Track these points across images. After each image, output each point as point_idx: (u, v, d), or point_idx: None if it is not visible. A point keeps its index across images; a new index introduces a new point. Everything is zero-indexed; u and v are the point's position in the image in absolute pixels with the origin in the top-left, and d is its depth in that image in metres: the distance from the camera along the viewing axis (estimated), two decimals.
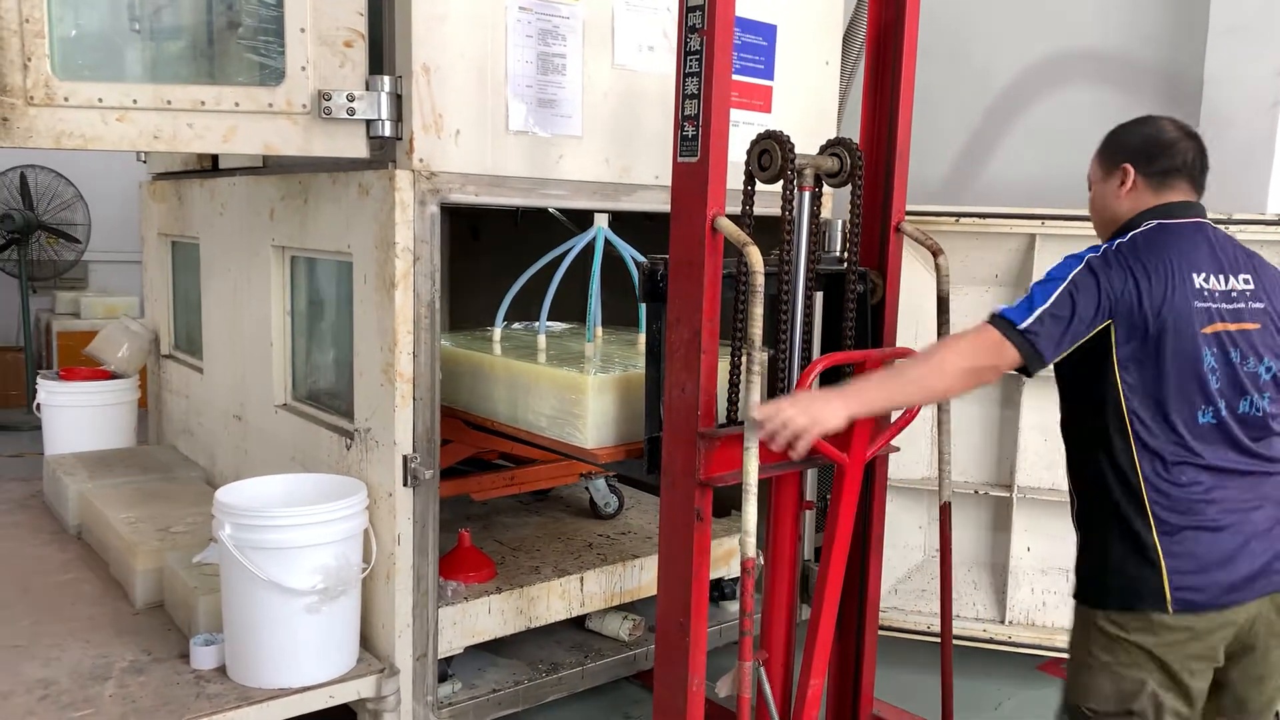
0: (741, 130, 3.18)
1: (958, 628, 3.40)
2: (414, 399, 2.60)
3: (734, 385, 2.23)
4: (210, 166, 3.70)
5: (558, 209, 3.64)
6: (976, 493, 3.48)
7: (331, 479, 2.74)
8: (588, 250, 2.92)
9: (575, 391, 2.57)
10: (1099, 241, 1.99)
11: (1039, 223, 3.28)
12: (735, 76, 3.18)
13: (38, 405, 4.13)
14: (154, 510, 3.35)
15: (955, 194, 4.39)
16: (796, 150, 2.26)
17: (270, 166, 3.24)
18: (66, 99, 2.47)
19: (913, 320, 3.25)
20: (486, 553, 3.17)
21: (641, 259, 3.23)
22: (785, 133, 2.21)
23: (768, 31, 3.22)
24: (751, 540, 2.01)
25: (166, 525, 3.22)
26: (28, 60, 2.43)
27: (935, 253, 2.41)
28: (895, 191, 2.48)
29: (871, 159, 2.52)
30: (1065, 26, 4.13)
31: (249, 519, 2.44)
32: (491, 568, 3.05)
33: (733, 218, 2.09)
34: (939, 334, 2.43)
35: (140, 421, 4.45)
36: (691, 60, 2.08)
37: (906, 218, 3.33)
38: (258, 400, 3.36)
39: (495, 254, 4.89)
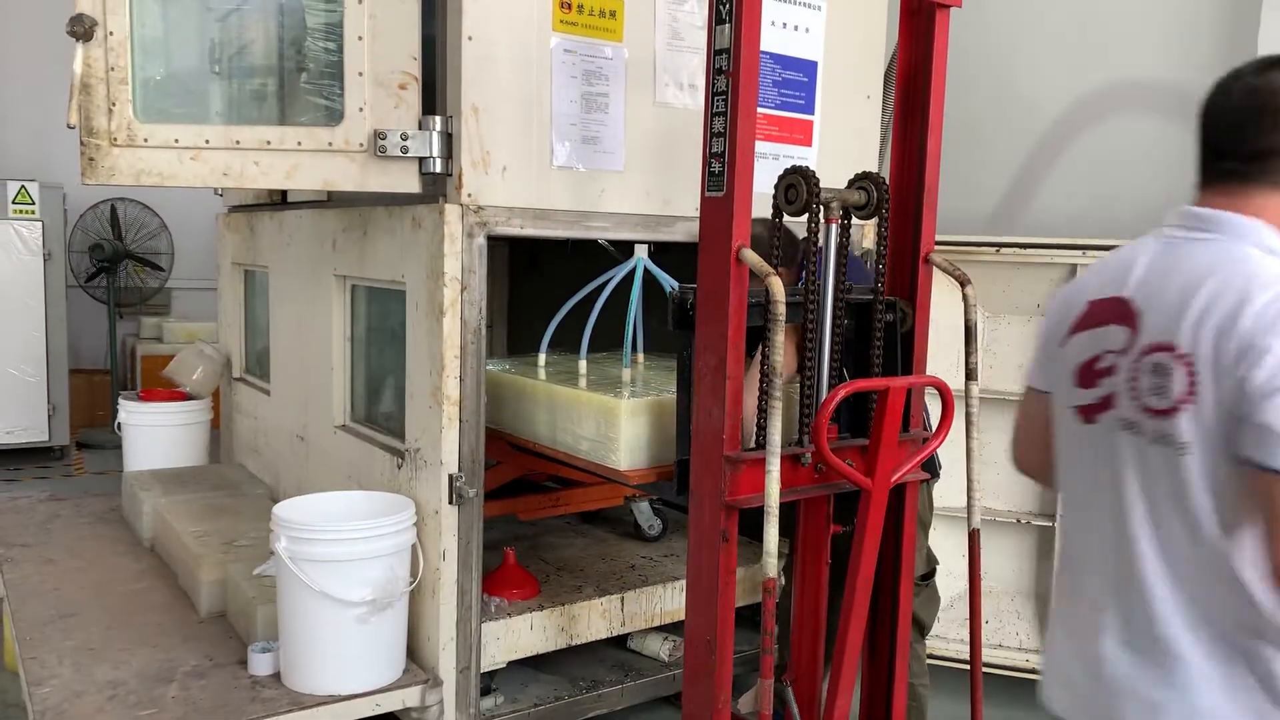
0: (782, 164, 3.28)
1: (1000, 658, 3.41)
2: (460, 421, 2.73)
3: (762, 411, 2.31)
4: (280, 200, 3.92)
5: (606, 240, 3.76)
6: (1019, 521, 3.48)
7: (383, 496, 2.88)
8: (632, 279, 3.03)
9: (610, 415, 2.67)
10: None
11: (1080, 253, 3.30)
12: (776, 112, 3.29)
13: (118, 424, 4.38)
14: (220, 524, 3.54)
15: (1005, 225, 4.40)
16: (823, 184, 2.34)
17: (333, 201, 3.42)
18: (146, 140, 2.66)
19: (951, 349, 3.29)
20: (532, 571, 3.28)
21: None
22: (813, 168, 2.29)
23: (808, 68, 3.31)
24: (772, 561, 2.08)
25: (231, 539, 3.39)
26: (112, 105, 2.64)
27: (963, 283, 2.46)
28: (924, 223, 2.54)
29: (901, 191, 2.59)
30: (1115, 56, 4.14)
31: (304, 533, 2.59)
32: (535, 585, 3.16)
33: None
34: (967, 362, 2.48)
35: (213, 441, 4.68)
36: (718, 100, 2.18)
37: (945, 248, 3.40)
38: (319, 421, 3.53)
39: (552, 282, 5.02)
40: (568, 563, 3.47)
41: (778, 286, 2.09)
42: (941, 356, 3.51)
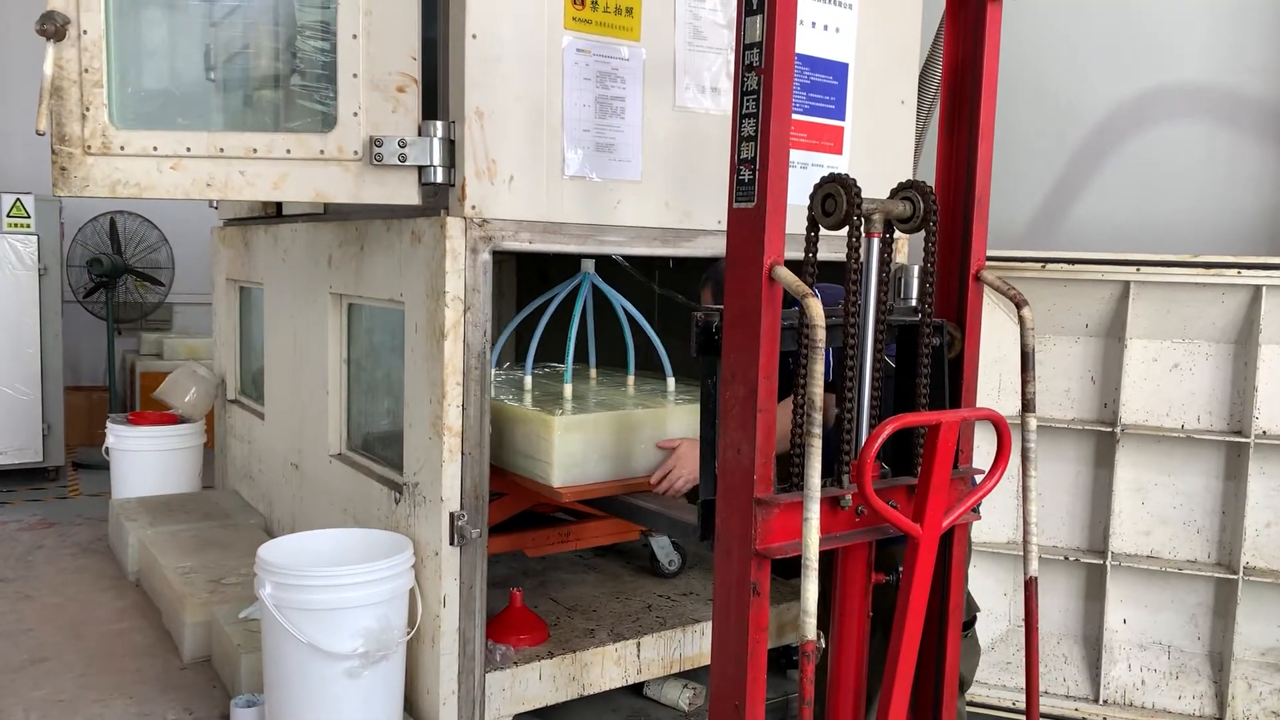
0: (810, 173, 3.05)
1: (1046, 706, 3.15)
2: (463, 454, 2.50)
3: (796, 448, 2.07)
4: (275, 213, 3.70)
5: (621, 256, 3.54)
6: (1067, 559, 3.23)
7: (378, 535, 2.65)
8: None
9: (544, 431, 2.60)
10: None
11: (1134, 269, 3.05)
12: (804, 117, 3.06)
13: (106, 449, 4.16)
14: (209, 559, 3.31)
15: (1042, 238, 4.16)
16: (865, 194, 2.11)
17: (330, 214, 3.20)
18: (123, 148, 2.46)
19: (996, 373, 3.04)
20: (541, 612, 3.04)
21: (631, 308, 3.21)
22: (852, 176, 2.05)
23: (839, 70, 3.08)
24: (812, 621, 1.83)
25: (219, 576, 3.17)
26: (86, 110, 2.43)
27: (1019, 304, 2.22)
28: (974, 238, 2.30)
29: (948, 203, 2.35)
30: (1162, 59, 3.90)
31: (289, 578, 2.36)
32: (544, 630, 2.91)
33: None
34: (1024, 392, 2.23)
35: (207, 465, 4.45)
36: (748, 100, 1.95)
37: (987, 265, 3.16)
38: (313, 449, 3.31)
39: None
40: (579, 602, 3.23)
41: (816, 308, 1.85)
42: (984, 379, 3.27)
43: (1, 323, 6.20)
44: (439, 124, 2.47)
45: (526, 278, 5.02)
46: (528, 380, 3.06)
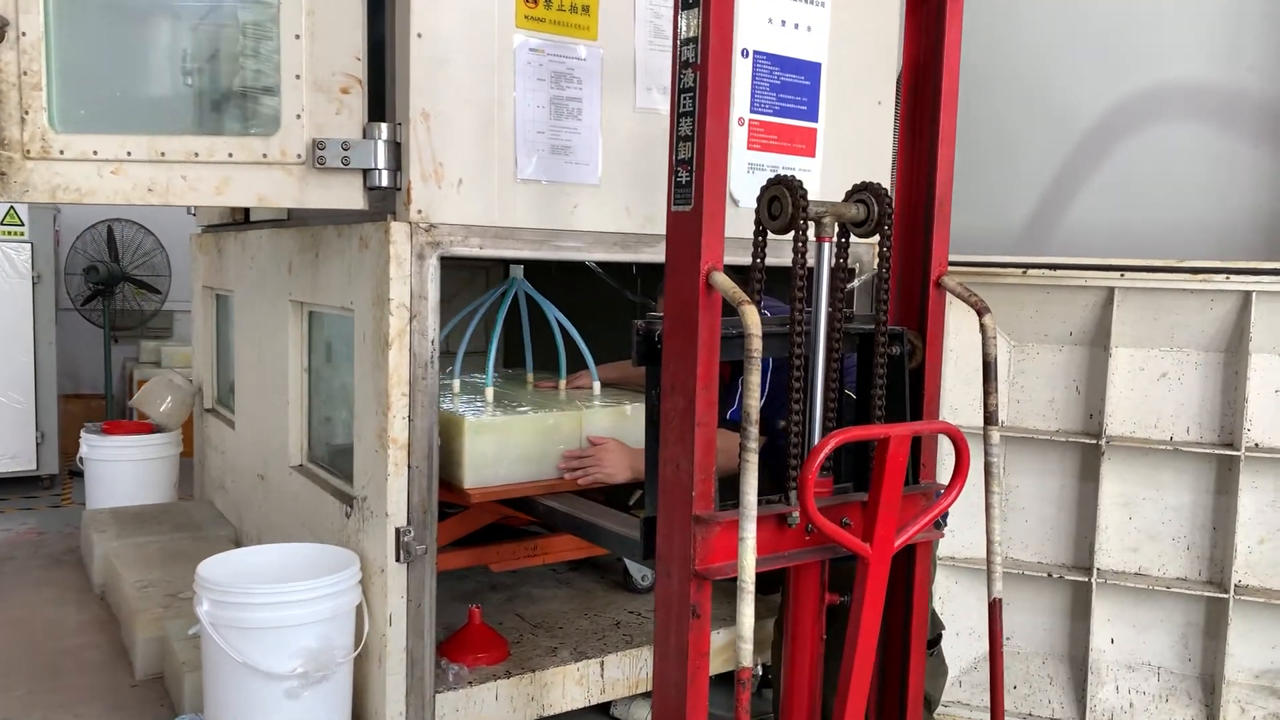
0: None
1: None
2: (409, 467, 2.42)
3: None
4: (244, 220, 3.64)
5: (594, 262, 3.46)
6: (1051, 576, 3.10)
7: (326, 551, 2.57)
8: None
9: (455, 432, 2.61)
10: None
11: (1118, 274, 2.94)
12: (774, 119, 2.96)
13: (80, 458, 4.11)
14: (171, 573, 3.25)
15: (1036, 245, 4.03)
16: (814, 197, 2.02)
17: (293, 220, 3.14)
18: (62, 152, 2.39)
19: (975, 383, 2.93)
20: (504, 629, 2.96)
21: (559, 315, 3.20)
22: (796, 176, 1.96)
23: (811, 70, 2.98)
24: (747, 648, 1.74)
25: (178, 590, 3.10)
26: (25, 113, 2.37)
27: (980, 311, 2.11)
28: (935, 242, 2.19)
29: (908, 205, 2.25)
30: (1157, 58, 3.77)
31: (225, 595, 2.28)
32: (504, 648, 2.82)
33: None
34: (986, 403, 2.12)
35: (186, 475, 4.40)
36: (685, 99, 1.86)
37: (964, 270, 3.05)
38: (277, 460, 3.24)
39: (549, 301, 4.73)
40: (546, 619, 3.13)
41: (752, 316, 1.75)
42: (962, 391, 3.16)
43: None
44: (384, 126, 2.39)
45: None
46: (455, 384, 3.11)
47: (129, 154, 2.39)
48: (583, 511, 2.62)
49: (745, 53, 2.85)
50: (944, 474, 2.24)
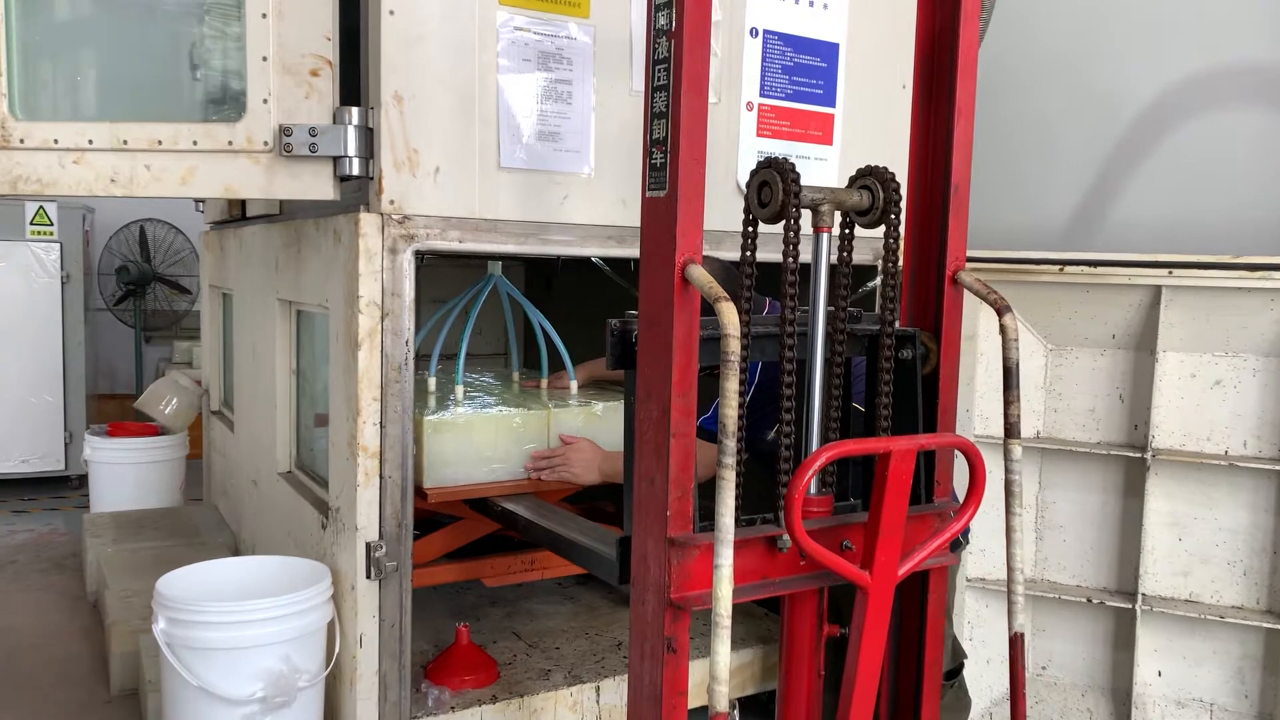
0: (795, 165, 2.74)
1: None
2: (381, 477, 2.25)
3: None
4: (241, 215, 3.52)
5: (599, 258, 3.29)
6: (1090, 601, 2.84)
7: (297, 565, 2.41)
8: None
9: (416, 430, 2.46)
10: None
11: (1165, 271, 2.67)
12: (787, 103, 2.75)
13: (84, 460, 4.02)
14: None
15: (1079, 241, 3.76)
16: (822, 184, 1.81)
17: (284, 214, 3.00)
18: (23, 141, 2.27)
19: (1000, 392, 2.69)
20: (497, 649, 2.78)
21: (536, 313, 3.07)
22: (791, 160, 1.75)
23: (828, 51, 2.77)
24: (722, 690, 1.54)
25: None
26: None
27: (1000, 310, 1.88)
28: (952, 233, 1.97)
29: (922, 194, 2.02)
30: (1210, 39, 3.49)
31: (181, 613, 2.13)
32: (493, 669, 2.64)
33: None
34: (1006, 414, 1.89)
35: (193, 478, 4.30)
36: (659, 71, 1.66)
37: (995, 267, 2.81)
38: (267, 466, 3.10)
39: (566, 304, 4.56)
40: (543, 638, 2.95)
41: (729, 314, 1.55)
42: (994, 399, 2.92)
43: (24, 330, 6.17)
44: (355, 111, 2.23)
45: (533, 283, 4.79)
46: (431, 383, 3.00)
47: (90, 142, 2.26)
48: (553, 521, 2.43)
49: (754, 32, 2.64)
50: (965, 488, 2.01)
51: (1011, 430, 1.87)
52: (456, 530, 2.91)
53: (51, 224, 6.27)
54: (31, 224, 6.23)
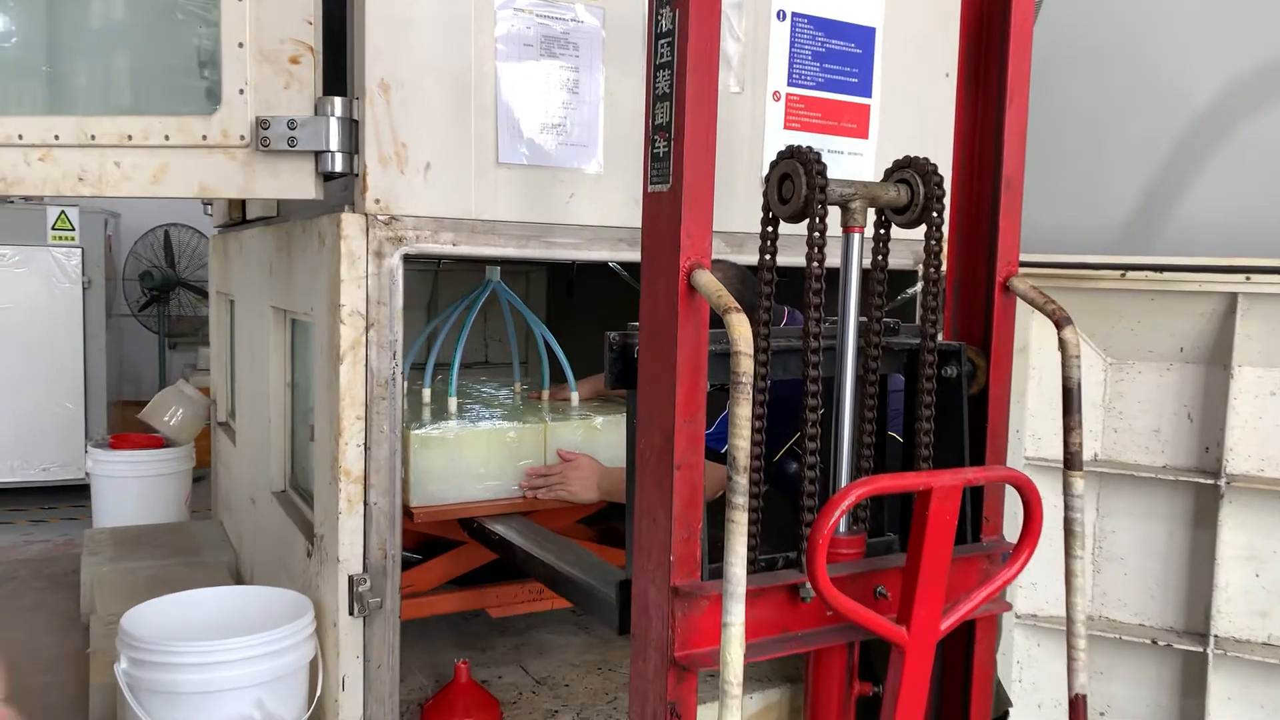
0: (827, 160, 2.51)
1: None
2: (365, 504, 2.04)
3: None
4: (241, 218, 3.34)
5: (616, 263, 3.06)
6: (1156, 643, 2.57)
7: (279, 598, 2.22)
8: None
9: (403, 445, 2.24)
10: None
11: (1242, 277, 2.40)
12: (817, 93, 2.51)
13: (86, 474, 3.88)
14: None
15: (1140, 243, 3.47)
16: (851, 177, 1.58)
17: (280, 216, 2.81)
18: None
19: (1054, 410, 2.43)
20: (501, 686, 2.56)
21: (537, 322, 2.90)
22: (814, 149, 1.52)
23: (863, 36, 2.53)
24: None
25: None
26: None
27: (1059, 322, 1.64)
28: (1003, 234, 1.73)
29: (969, 190, 1.78)
30: None
31: (145, 653, 1.94)
32: (494, 710, 2.42)
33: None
34: (1066, 442, 1.64)
35: (202, 491, 4.14)
36: (662, 46, 1.44)
37: (1048, 272, 2.55)
38: (264, 483, 2.91)
39: (589, 311, 4.34)
40: (552, 674, 2.72)
41: (740, 327, 1.32)
42: (1048, 418, 2.65)
43: (45, 337, 6.07)
44: (338, 101, 2.03)
45: (555, 290, 4.59)
46: (426, 394, 2.80)
47: (56, 138, 2.08)
48: (551, 552, 2.20)
49: (782, 15, 2.41)
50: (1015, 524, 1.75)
51: (1073, 461, 1.62)
52: (459, 556, 2.70)
53: (73, 229, 6.18)
54: (53, 229, 6.15)
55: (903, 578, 1.48)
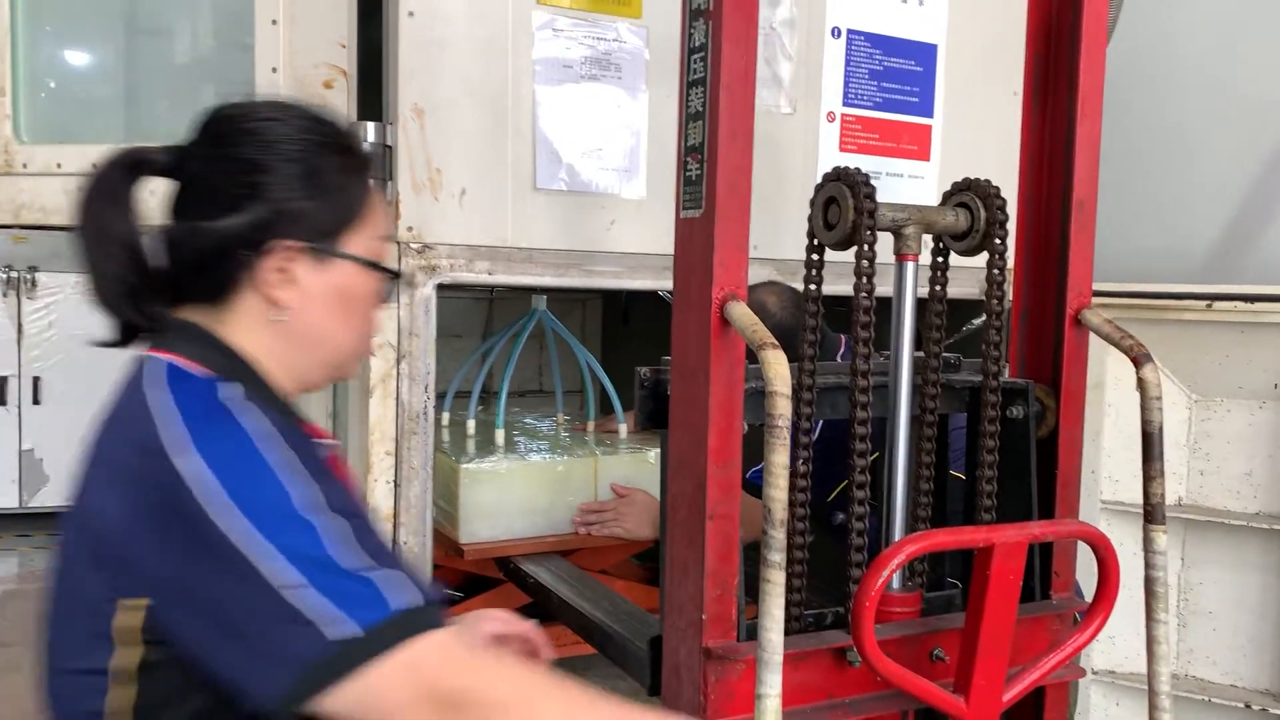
0: (885, 185, 2.38)
1: None
2: (395, 544, 1.96)
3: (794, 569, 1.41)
4: None
5: (666, 292, 2.97)
6: (1249, 706, 2.36)
7: None
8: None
9: (451, 479, 2.27)
10: None
11: None
12: (875, 113, 2.38)
13: None
14: None
15: (1226, 269, 3.26)
16: (906, 201, 1.46)
17: None
18: (25, 165, 2.09)
19: (1131, 452, 2.26)
20: None
21: (585, 352, 2.82)
22: (863, 170, 1.40)
23: (924, 54, 2.39)
24: None
25: None
26: None
27: (1138, 361, 1.48)
28: (1074, 261, 1.58)
29: (1036, 214, 1.65)
30: None
31: None
32: None
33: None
34: (1147, 492, 1.48)
35: None
36: (695, 62, 1.34)
37: (1124, 302, 2.38)
38: None
39: (645, 338, 4.25)
40: None
41: (776, 364, 1.20)
42: (1125, 459, 2.47)
43: (99, 363, 6.19)
44: (370, 126, 1.96)
45: (610, 317, 4.51)
46: (470, 425, 2.72)
47: (94, 166, 2.05)
48: (586, 598, 2.09)
49: (836, 32, 2.29)
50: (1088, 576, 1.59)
51: (1154, 514, 1.46)
52: (501, 595, 2.60)
53: None
54: None
55: (961, 641, 1.33)
